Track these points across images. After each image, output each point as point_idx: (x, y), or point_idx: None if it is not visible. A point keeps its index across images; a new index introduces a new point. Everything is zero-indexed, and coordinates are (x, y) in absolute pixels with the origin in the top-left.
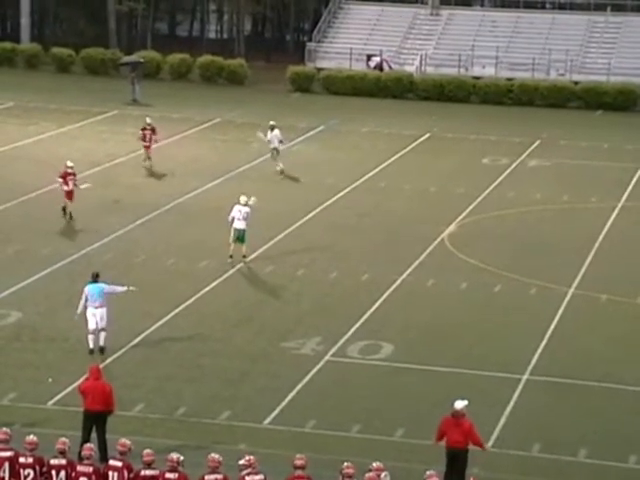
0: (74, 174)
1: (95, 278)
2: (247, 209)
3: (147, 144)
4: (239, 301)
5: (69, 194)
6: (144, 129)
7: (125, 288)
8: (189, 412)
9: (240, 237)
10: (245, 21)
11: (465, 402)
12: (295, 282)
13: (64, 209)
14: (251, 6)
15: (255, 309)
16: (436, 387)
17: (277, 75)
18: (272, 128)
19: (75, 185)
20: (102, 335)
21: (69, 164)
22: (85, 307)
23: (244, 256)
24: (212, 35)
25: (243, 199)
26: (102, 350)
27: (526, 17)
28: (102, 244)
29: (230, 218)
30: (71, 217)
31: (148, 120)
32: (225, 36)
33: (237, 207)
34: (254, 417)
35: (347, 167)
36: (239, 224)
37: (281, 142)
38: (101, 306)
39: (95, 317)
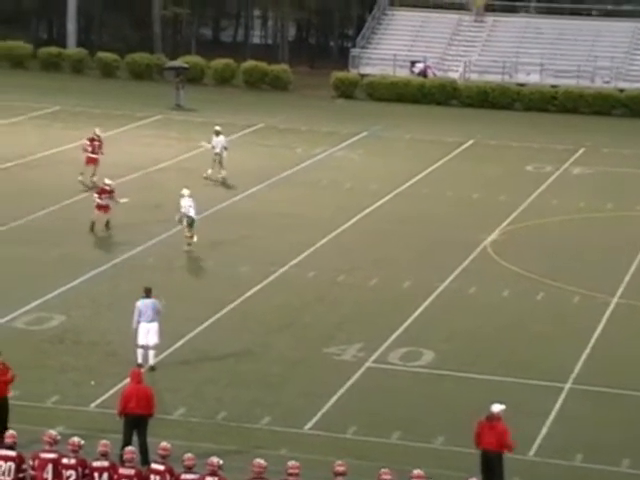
0: (112, 191)
1: (147, 293)
2: (191, 199)
3: (94, 156)
4: (280, 306)
5: (104, 208)
6: (93, 140)
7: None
8: (230, 416)
9: (192, 223)
10: (289, 27)
11: (502, 406)
12: (336, 288)
13: (93, 224)
14: (295, 12)
15: (296, 314)
16: (477, 395)
17: (320, 81)
18: (217, 133)
19: (114, 201)
20: (151, 354)
21: (107, 182)
22: (138, 322)
23: (190, 242)
24: (256, 40)
25: (186, 191)
26: (152, 369)
27: (571, 24)
28: (144, 248)
29: (183, 210)
30: (108, 227)
31: (97, 130)
32: (269, 42)
33: (184, 200)
34: (295, 422)
35: (390, 173)
36: (191, 212)
37: (225, 149)
38: (153, 320)
39: (146, 332)
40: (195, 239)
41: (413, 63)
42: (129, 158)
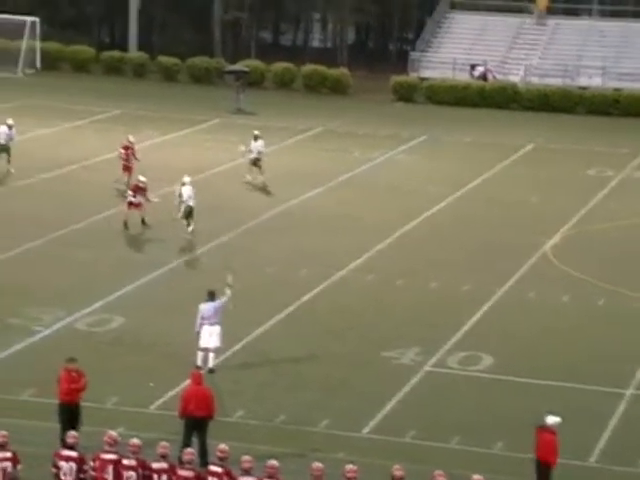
0: (145, 189)
1: (211, 296)
2: (191, 187)
3: (128, 164)
4: (339, 309)
5: (136, 206)
6: (127, 147)
7: (227, 296)
8: (289, 419)
9: (191, 212)
10: (349, 30)
11: (556, 419)
12: (395, 291)
13: (125, 223)
14: (355, 15)
15: (355, 318)
16: (537, 400)
17: (380, 84)
18: (256, 138)
19: (146, 199)
20: (211, 356)
21: (141, 179)
22: (201, 325)
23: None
24: (316, 44)
25: (187, 179)
26: (212, 371)
27: (635, 27)
28: (203, 251)
29: (181, 197)
30: (144, 224)
31: (131, 138)
32: (329, 45)
33: (185, 188)
34: (353, 426)
35: (449, 177)
36: (191, 201)
37: (260, 153)
38: (216, 323)
39: (209, 335)
40: (191, 229)
41: (473, 66)
42: (189, 161)
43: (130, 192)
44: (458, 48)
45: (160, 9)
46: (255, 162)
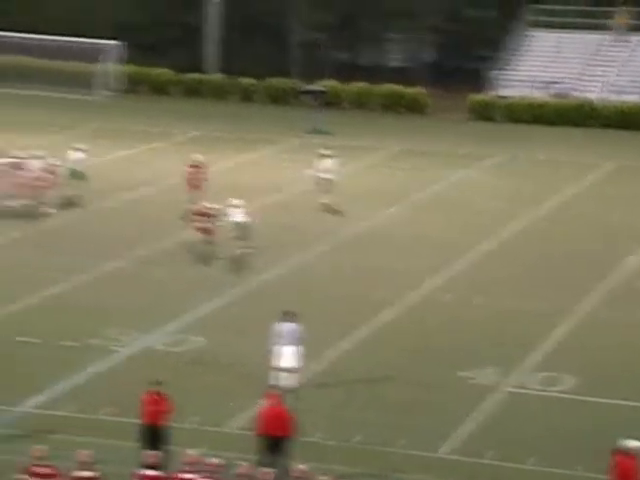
0: (211, 214)
1: (287, 316)
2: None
3: (196, 183)
4: (414, 329)
5: (203, 230)
6: (192, 166)
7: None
8: (365, 440)
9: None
10: (426, 49)
11: (637, 443)
12: (471, 310)
13: (202, 242)
14: (432, 35)
15: (431, 337)
16: (620, 422)
17: (457, 103)
18: (326, 158)
19: (212, 224)
20: (289, 376)
21: (208, 205)
22: (277, 344)
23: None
24: (393, 64)
25: (235, 201)
26: (289, 391)
27: None
28: (280, 271)
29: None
30: (211, 244)
31: (198, 157)
32: (406, 64)
33: (232, 210)
34: (430, 446)
35: (526, 195)
36: (239, 218)
37: (334, 173)
38: (291, 344)
39: (285, 355)
40: (245, 250)
41: (550, 84)
42: (267, 181)
43: (196, 216)
44: (536, 66)
45: (238, 31)
46: (323, 182)
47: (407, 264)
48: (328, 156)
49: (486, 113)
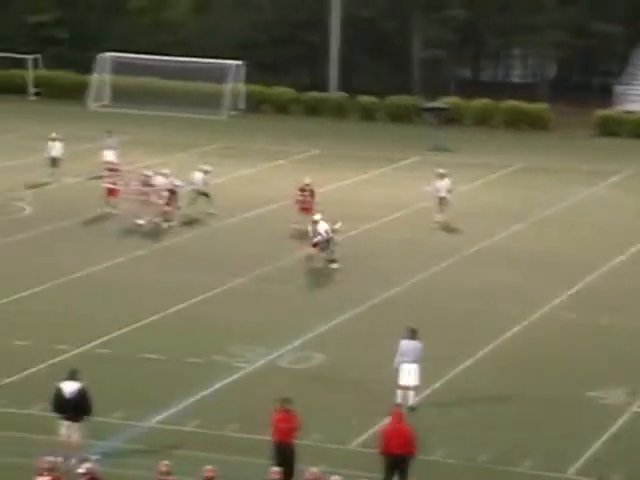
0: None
1: (411, 333)
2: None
3: (306, 205)
4: (541, 347)
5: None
6: (303, 190)
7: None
8: (490, 459)
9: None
10: (550, 65)
11: None
12: (599, 330)
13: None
14: (556, 50)
15: (558, 356)
16: None
17: (582, 119)
18: (442, 177)
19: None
20: (411, 394)
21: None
22: (400, 362)
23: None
24: (516, 80)
25: (318, 216)
26: (412, 409)
27: None
28: (403, 287)
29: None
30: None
31: (307, 180)
32: (529, 80)
33: (320, 225)
34: (558, 467)
35: None
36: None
37: (449, 192)
38: (414, 362)
39: (408, 373)
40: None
41: None
42: (387, 199)
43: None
44: None
45: (359, 49)
46: (441, 201)
47: (530, 281)
48: (444, 175)
49: (611, 129)
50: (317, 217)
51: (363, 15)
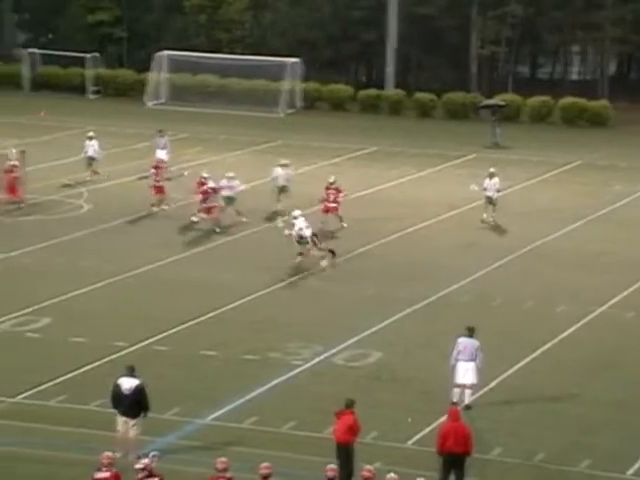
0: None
1: (469, 332)
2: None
3: (334, 205)
4: (599, 347)
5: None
6: (328, 188)
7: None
8: (548, 458)
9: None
10: (609, 61)
11: None
12: None
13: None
14: (617, 46)
15: (616, 356)
16: None
17: None
18: (491, 176)
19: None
20: (467, 393)
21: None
22: (457, 360)
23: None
24: (574, 77)
25: (298, 212)
26: (468, 408)
27: None
28: (459, 286)
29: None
30: None
31: (332, 179)
32: (588, 77)
33: (298, 221)
34: (616, 467)
35: None
36: (307, 232)
37: (498, 191)
38: (471, 360)
39: (464, 371)
40: (320, 254)
41: None
42: (443, 197)
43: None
44: None
45: (416, 46)
46: (490, 200)
47: (591, 281)
48: (494, 174)
49: None
50: (296, 213)
51: (420, 12)
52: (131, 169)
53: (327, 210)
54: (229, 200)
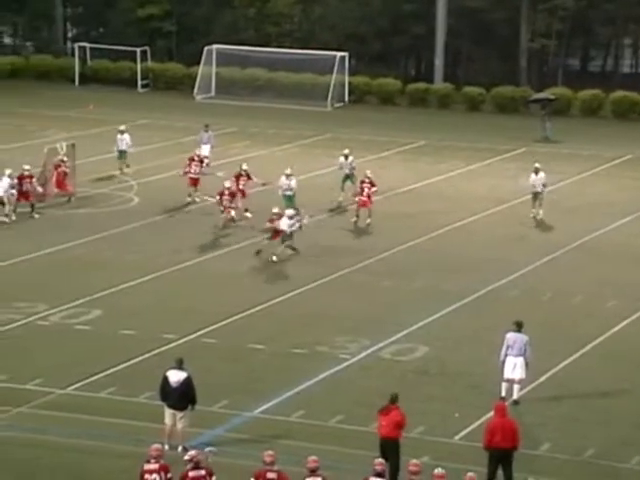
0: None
1: (518, 327)
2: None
3: (365, 199)
4: None
5: None
6: (363, 182)
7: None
8: (597, 454)
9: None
10: None
11: None
12: None
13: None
14: None
15: None
16: None
17: None
18: (537, 171)
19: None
20: (516, 388)
21: None
22: (506, 355)
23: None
24: (626, 70)
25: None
26: (516, 403)
27: None
28: (508, 281)
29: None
30: None
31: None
32: None
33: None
34: None
35: None
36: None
37: (544, 186)
38: (520, 355)
39: (512, 366)
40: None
41: None
42: (492, 191)
43: None
44: None
45: (466, 40)
46: (536, 196)
47: (637, 276)
48: (539, 169)
49: None
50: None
51: (470, 5)
52: (179, 162)
53: (363, 204)
54: (289, 200)
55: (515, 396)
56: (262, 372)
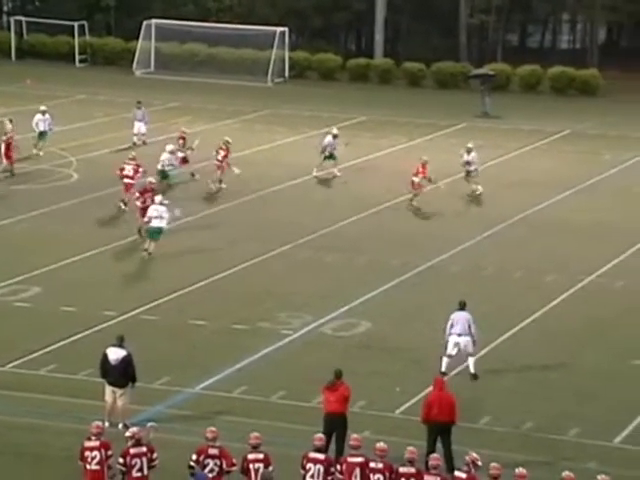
0: None
1: (462, 306)
2: (163, 208)
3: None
4: (587, 317)
5: None
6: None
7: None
8: (536, 427)
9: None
10: (599, 30)
11: None
12: None
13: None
14: (607, 14)
15: (604, 326)
16: None
17: (633, 85)
18: (469, 151)
19: None
20: (471, 361)
21: None
22: (450, 334)
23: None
24: (564, 45)
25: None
26: (475, 377)
27: None
28: (449, 255)
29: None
30: None
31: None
32: (577, 46)
33: (153, 206)
34: (604, 435)
35: None
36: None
37: (469, 164)
38: (464, 334)
39: (456, 345)
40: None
41: None
42: (435, 166)
43: None
44: None
45: (406, 16)
46: (469, 173)
47: (580, 251)
48: (471, 148)
49: None
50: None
51: None
52: (121, 138)
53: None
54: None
55: (472, 370)
56: (204, 348)
